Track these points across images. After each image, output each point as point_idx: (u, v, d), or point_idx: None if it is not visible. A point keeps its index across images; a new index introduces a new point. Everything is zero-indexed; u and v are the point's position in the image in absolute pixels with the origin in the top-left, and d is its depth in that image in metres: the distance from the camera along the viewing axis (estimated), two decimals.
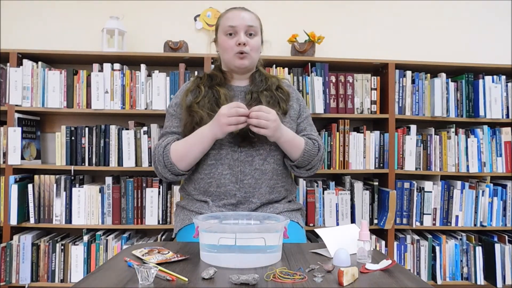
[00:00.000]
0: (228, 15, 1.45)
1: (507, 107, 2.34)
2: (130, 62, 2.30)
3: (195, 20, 2.49)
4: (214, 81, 1.47)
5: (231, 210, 1.39)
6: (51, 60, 2.33)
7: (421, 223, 2.28)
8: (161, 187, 2.19)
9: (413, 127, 2.29)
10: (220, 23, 1.47)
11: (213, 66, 1.64)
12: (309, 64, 2.28)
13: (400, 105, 2.30)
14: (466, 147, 2.31)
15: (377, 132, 2.29)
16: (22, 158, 2.16)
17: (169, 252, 1.06)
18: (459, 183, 2.30)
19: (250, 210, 1.39)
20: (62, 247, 2.16)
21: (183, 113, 1.43)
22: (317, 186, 2.25)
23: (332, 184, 2.27)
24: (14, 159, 2.13)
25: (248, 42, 1.41)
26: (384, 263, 0.99)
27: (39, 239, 2.19)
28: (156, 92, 2.21)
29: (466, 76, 2.34)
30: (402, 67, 2.32)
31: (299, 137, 1.42)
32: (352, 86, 2.29)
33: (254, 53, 1.44)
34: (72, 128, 2.19)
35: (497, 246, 2.23)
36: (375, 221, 2.26)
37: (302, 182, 2.24)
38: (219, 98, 1.41)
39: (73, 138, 2.19)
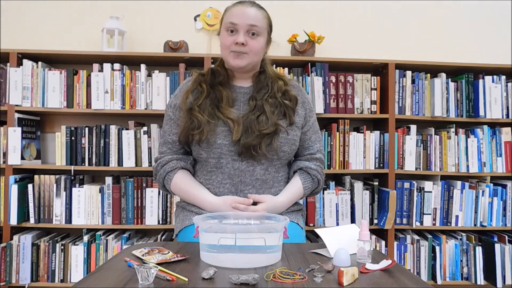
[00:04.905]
0: (232, 9, 1.36)
1: (507, 107, 2.34)
2: (130, 62, 2.30)
3: (195, 20, 2.49)
4: (217, 78, 1.41)
5: None
6: (51, 60, 2.33)
7: (421, 223, 2.28)
8: None
9: (413, 127, 2.29)
10: (224, 17, 1.39)
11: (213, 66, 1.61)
12: (309, 64, 2.28)
13: (400, 105, 2.30)
14: (466, 147, 2.31)
15: (377, 132, 2.29)
16: (22, 158, 2.16)
17: (169, 252, 1.06)
18: (459, 183, 2.30)
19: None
20: (62, 247, 2.16)
21: (182, 115, 1.39)
22: None
23: (332, 184, 2.27)
24: (14, 159, 2.13)
25: (247, 42, 1.32)
26: (384, 263, 0.99)
27: (39, 239, 2.19)
28: (156, 92, 2.21)
29: (466, 76, 2.34)
30: (402, 67, 2.32)
31: (296, 188, 1.42)
32: (352, 86, 2.29)
33: (254, 54, 1.35)
34: (72, 128, 2.19)
35: (497, 246, 2.22)
36: (375, 221, 2.26)
37: None
38: (221, 100, 1.36)
39: (73, 138, 2.19)
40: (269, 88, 1.39)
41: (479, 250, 2.26)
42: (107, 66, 2.22)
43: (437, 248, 2.25)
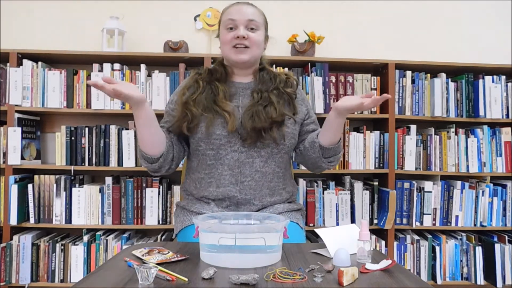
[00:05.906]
0: (230, 9, 1.42)
1: (507, 107, 2.34)
2: (130, 62, 2.30)
3: (195, 20, 2.49)
4: (214, 76, 1.44)
5: (232, 210, 1.38)
6: (51, 60, 2.33)
7: (421, 223, 2.28)
8: (161, 187, 2.19)
9: (413, 127, 2.29)
10: (222, 18, 1.43)
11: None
12: (309, 64, 2.27)
13: (400, 105, 2.30)
14: (466, 147, 2.31)
15: (377, 132, 2.29)
16: (22, 158, 2.16)
17: (169, 252, 1.06)
18: (459, 183, 2.30)
19: (251, 211, 1.38)
20: (62, 247, 2.16)
21: (177, 109, 1.40)
22: (317, 186, 2.25)
23: (332, 184, 2.27)
24: (14, 159, 2.13)
25: (248, 35, 1.37)
26: (384, 263, 0.99)
27: (39, 239, 2.19)
28: (156, 92, 2.21)
29: (466, 76, 2.34)
30: (402, 67, 2.32)
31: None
32: (352, 86, 2.29)
33: (256, 47, 1.40)
34: (72, 128, 2.19)
35: (497, 246, 2.22)
36: (375, 221, 2.26)
37: (302, 182, 2.24)
38: (217, 95, 1.38)
39: (73, 138, 2.19)
40: (273, 81, 1.44)
41: (479, 250, 2.26)
42: (107, 66, 2.22)
43: (437, 248, 2.25)
